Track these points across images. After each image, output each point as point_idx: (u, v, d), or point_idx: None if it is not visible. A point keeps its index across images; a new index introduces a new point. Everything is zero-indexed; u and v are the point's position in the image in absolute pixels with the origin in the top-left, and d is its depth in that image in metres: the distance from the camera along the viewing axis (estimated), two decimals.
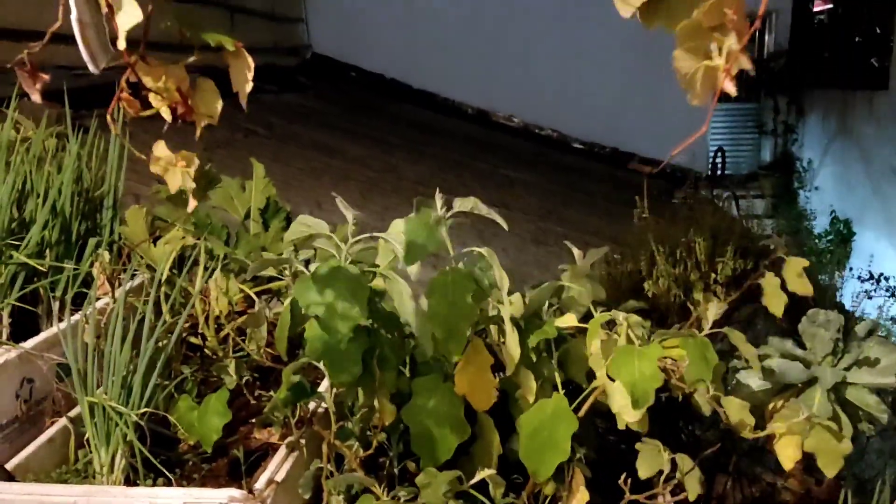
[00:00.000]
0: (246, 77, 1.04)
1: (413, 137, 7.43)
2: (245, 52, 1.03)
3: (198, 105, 1.06)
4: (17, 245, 1.66)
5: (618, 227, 6.09)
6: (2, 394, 1.52)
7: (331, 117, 7.11)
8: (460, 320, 1.26)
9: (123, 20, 0.91)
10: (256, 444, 1.59)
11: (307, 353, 1.31)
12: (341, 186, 4.90)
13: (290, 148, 5.42)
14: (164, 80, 1.00)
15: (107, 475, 1.38)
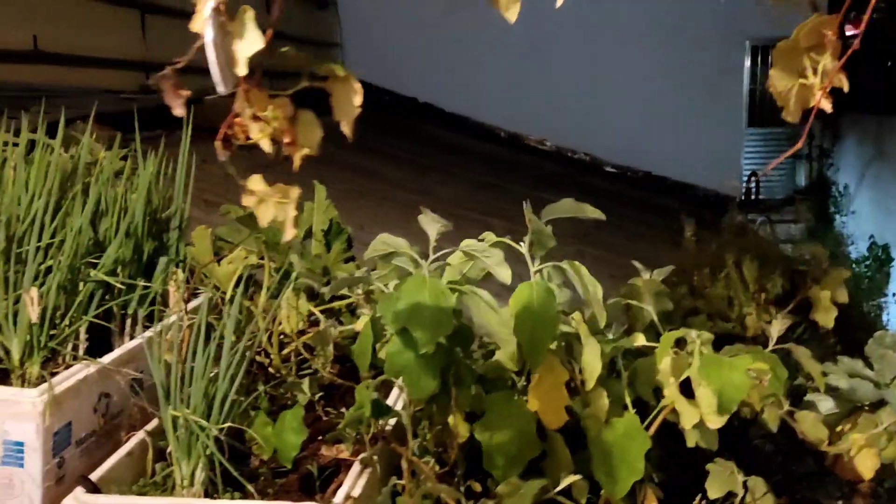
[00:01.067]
0: (353, 104, 1.04)
1: (447, 160, 7.49)
2: (353, 78, 1.03)
3: (298, 136, 1.06)
4: (94, 263, 1.71)
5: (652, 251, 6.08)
6: (81, 408, 1.56)
7: (367, 140, 7.20)
8: (543, 334, 1.29)
9: (245, 47, 0.93)
10: (325, 460, 1.61)
11: (386, 368, 1.34)
12: (380, 208, 4.95)
13: (328, 171, 5.49)
14: (271, 110, 1.00)
15: (187, 488, 1.41)
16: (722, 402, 1.24)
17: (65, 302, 1.65)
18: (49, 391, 1.46)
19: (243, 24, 0.96)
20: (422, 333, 1.24)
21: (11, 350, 1.56)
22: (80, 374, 1.56)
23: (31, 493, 1.44)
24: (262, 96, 1.01)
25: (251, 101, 0.99)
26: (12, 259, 1.61)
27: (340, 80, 1.03)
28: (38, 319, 1.56)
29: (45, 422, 1.44)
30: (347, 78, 1.03)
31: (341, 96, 1.05)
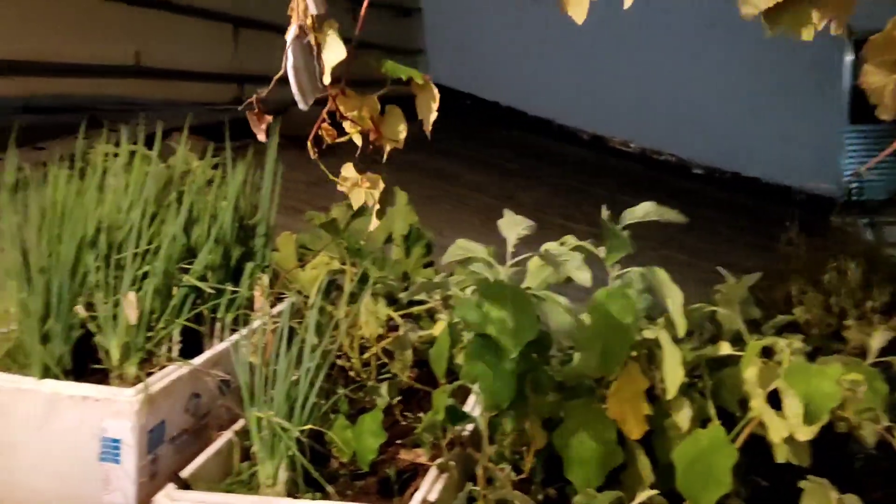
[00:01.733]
0: (431, 107, 1.16)
1: (529, 164, 7.45)
2: (432, 84, 1.16)
3: (386, 132, 1.16)
4: (187, 269, 1.79)
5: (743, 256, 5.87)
6: (174, 407, 1.63)
7: (448, 145, 7.25)
8: (619, 341, 1.27)
9: (329, 57, 1.04)
10: (403, 464, 1.63)
11: (462, 375, 1.34)
12: (460, 213, 4.97)
13: (409, 175, 5.55)
14: (360, 109, 1.10)
15: (271, 487, 1.45)
16: (810, 411, 1.19)
17: (160, 305, 1.73)
18: (144, 391, 1.53)
19: (328, 37, 1.07)
20: (506, 340, 1.25)
21: (111, 351, 1.65)
22: (172, 375, 1.63)
23: (125, 489, 1.52)
24: (352, 98, 1.12)
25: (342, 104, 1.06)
26: (112, 265, 1.70)
27: (422, 87, 1.15)
28: (135, 322, 1.64)
29: (141, 420, 1.52)
30: (427, 85, 1.15)
31: (423, 100, 1.18)
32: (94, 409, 1.51)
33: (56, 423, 1.52)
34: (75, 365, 1.66)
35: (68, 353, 1.63)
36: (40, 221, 1.67)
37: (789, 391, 1.19)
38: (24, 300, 1.60)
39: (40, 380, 1.55)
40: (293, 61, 1.01)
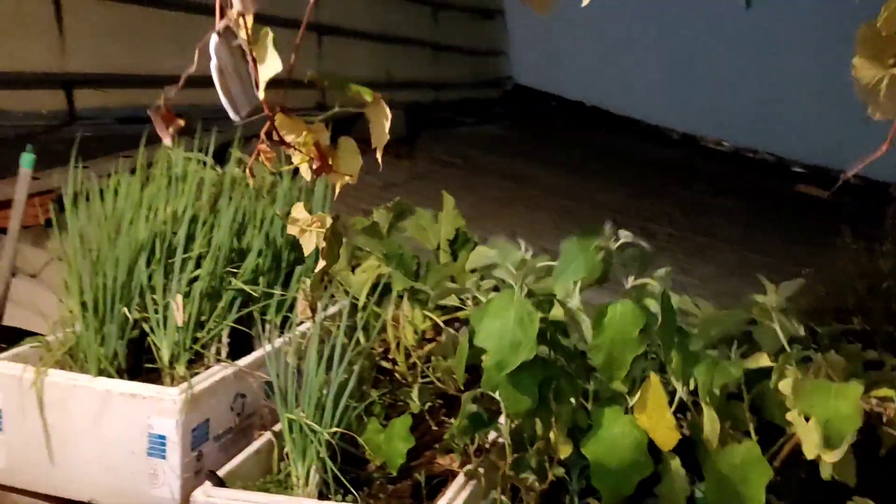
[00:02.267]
0: (384, 129, 0.99)
1: (611, 165, 7.31)
2: (383, 102, 0.99)
3: (338, 164, 1.02)
4: (236, 272, 1.85)
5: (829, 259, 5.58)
6: (219, 406, 1.69)
7: (527, 147, 7.20)
8: (623, 351, 1.24)
9: (265, 71, 0.91)
10: (439, 469, 1.64)
11: (483, 382, 1.33)
12: (535, 215, 4.93)
13: (485, 178, 5.55)
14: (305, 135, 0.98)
15: (302, 488, 1.49)
16: (829, 434, 1.12)
17: (209, 308, 1.80)
18: (188, 390, 1.59)
19: (265, 48, 0.93)
20: (501, 356, 1.23)
21: (162, 351, 1.72)
22: (217, 375, 1.69)
23: (171, 483, 1.59)
24: (296, 122, 0.98)
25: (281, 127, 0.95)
26: (167, 269, 1.78)
27: (373, 105, 0.99)
28: (183, 323, 1.71)
29: (184, 418, 1.58)
30: (378, 102, 0.99)
31: (375, 121, 1.00)
32: (142, 406, 1.58)
33: (108, 419, 1.60)
34: (133, 364, 1.75)
35: (123, 352, 1.71)
36: (101, 227, 1.76)
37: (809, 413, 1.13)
38: (83, 302, 1.69)
39: (95, 377, 1.64)
40: (217, 63, 0.89)
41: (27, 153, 1.81)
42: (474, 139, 6.79)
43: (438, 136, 6.28)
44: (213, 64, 0.88)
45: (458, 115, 7.33)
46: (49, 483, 1.65)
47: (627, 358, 1.24)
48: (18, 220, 1.84)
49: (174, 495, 1.58)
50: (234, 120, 0.91)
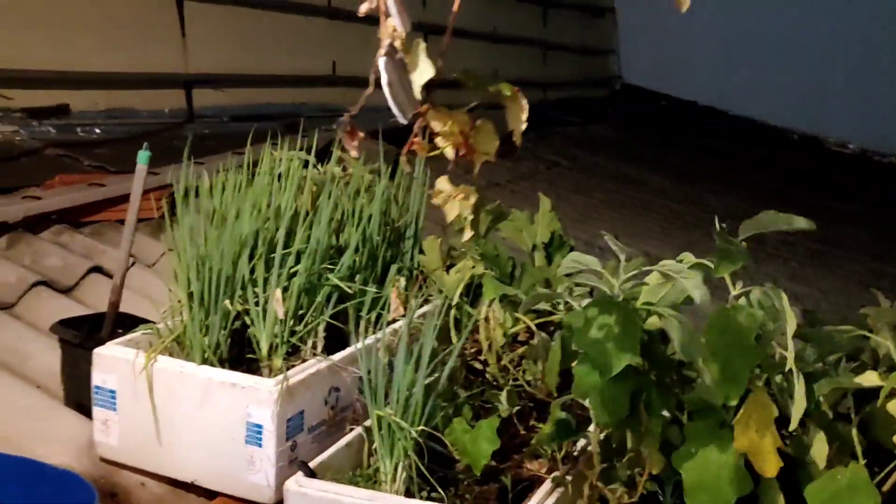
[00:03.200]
0: (520, 118, 1.11)
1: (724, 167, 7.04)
2: (521, 95, 1.11)
3: (477, 145, 1.12)
4: (333, 269, 1.89)
5: None
6: (314, 399, 1.74)
7: (636, 147, 7.03)
8: (740, 362, 1.18)
9: (419, 76, 1.03)
10: (527, 474, 1.62)
11: (573, 389, 1.31)
12: (641, 218, 4.80)
13: (591, 179, 5.46)
14: (450, 124, 1.09)
15: (389, 484, 1.51)
16: None
17: (306, 303, 1.85)
18: (283, 381, 1.64)
19: (417, 56, 1.04)
20: (603, 360, 1.20)
21: (261, 343, 1.79)
22: (311, 369, 1.74)
23: (267, 471, 1.64)
24: (442, 113, 1.10)
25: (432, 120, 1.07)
26: (268, 263, 1.84)
27: (511, 98, 1.10)
28: (281, 317, 1.76)
29: (280, 408, 1.63)
30: (516, 96, 1.10)
31: (513, 112, 1.12)
32: (241, 395, 1.64)
33: (210, 406, 1.67)
34: (236, 354, 1.82)
35: (226, 342, 1.78)
36: (209, 222, 1.84)
37: None
38: (190, 293, 1.78)
39: (199, 366, 1.71)
40: (387, 78, 1.03)
41: (143, 151, 1.92)
42: (581, 139, 6.69)
43: (544, 135, 6.22)
44: (384, 80, 1.01)
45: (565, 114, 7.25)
46: (156, 462, 1.74)
47: (744, 370, 1.18)
48: (135, 213, 1.95)
49: (269, 482, 1.64)
50: (402, 122, 1.05)
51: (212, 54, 4.79)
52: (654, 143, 7.41)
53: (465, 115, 1.14)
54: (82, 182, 3.07)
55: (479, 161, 1.18)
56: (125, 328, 1.98)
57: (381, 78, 1.04)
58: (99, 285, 2.59)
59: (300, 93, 5.48)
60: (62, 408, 1.96)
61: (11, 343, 2.17)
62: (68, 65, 3.98)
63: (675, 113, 9.00)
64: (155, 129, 4.20)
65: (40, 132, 3.76)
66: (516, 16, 7.95)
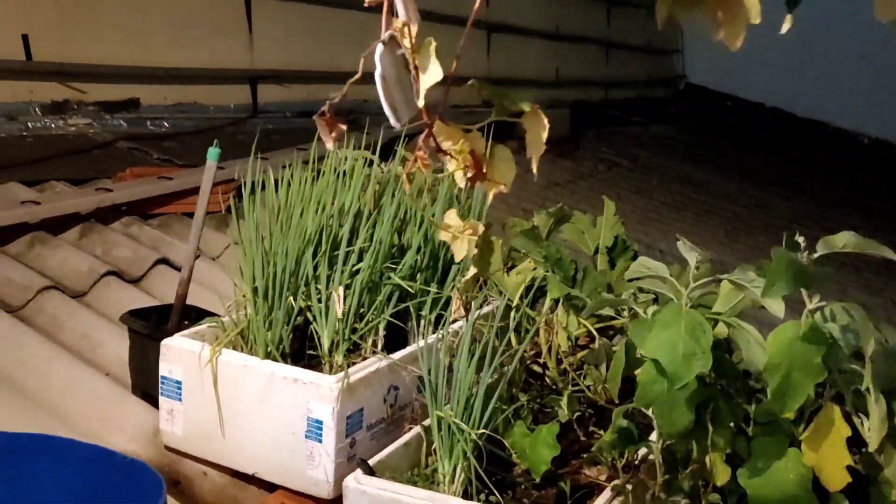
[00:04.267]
0: (540, 140, 0.97)
1: (791, 171, 6.84)
2: (541, 113, 0.97)
3: (492, 172, 1.01)
4: (395, 268, 1.90)
5: None
6: (373, 397, 1.75)
7: (699, 149, 6.88)
8: (802, 377, 1.14)
9: (426, 79, 0.92)
10: (586, 480, 1.60)
11: (636, 397, 1.29)
12: (704, 222, 4.70)
13: (653, 180, 5.37)
14: (460, 143, 0.98)
15: (447, 485, 1.51)
16: None
17: (368, 301, 1.86)
18: (344, 379, 1.66)
19: (427, 56, 0.93)
20: (674, 367, 1.18)
21: (322, 339, 1.81)
22: (371, 367, 1.75)
23: (326, 467, 1.66)
24: (453, 130, 0.98)
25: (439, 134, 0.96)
26: (330, 261, 1.86)
27: (530, 115, 0.97)
28: (342, 315, 1.78)
29: (340, 405, 1.65)
30: (536, 113, 0.97)
31: (531, 131, 0.99)
32: (303, 391, 1.66)
33: (272, 400, 1.70)
34: (298, 349, 1.85)
35: (288, 338, 1.81)
36: (274, 218, 1.87)
37: None
38: (254, 288, 1.81)
39: (262, 360, 1.74)
40: (381, 71, 0.91)
41: (213, 148, 1.96)
42: (643, 139, 6.59)
43: (605, 135, 6.15)
44: (378, 72, 0.90)
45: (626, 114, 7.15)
46: (219, 453, 1.78)
47: (806, 385, 1.15)
48: (204, 208, 1.99)
49: (328, 478, 1.65)
50: (395, 126, 0.93)
51: (277, 50, 4.88)
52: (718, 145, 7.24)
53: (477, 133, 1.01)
54: (152, 175, 3.16)
55: (492, 191, 1.04)
56: (191, 320, 2.03)
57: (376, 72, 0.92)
58: (165, 277, 2.66)
59: (363, 89, 5.52)
60: (129, 396, 2.01)
61: (83, 331, 2.24)
62: (139, 60, 4.10)
63: (741, 114, 8.79)
64: (220, 124, 4.29)
65: (112, 125, 3.88)
66: (579, 14, 7.86)
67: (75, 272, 2.49)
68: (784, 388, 1.14)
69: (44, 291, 2.33)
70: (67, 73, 3.78)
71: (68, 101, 3.80)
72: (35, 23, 3.64)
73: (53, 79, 3.74)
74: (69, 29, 3.78)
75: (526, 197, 3.96)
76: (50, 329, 2.22)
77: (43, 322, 2.24)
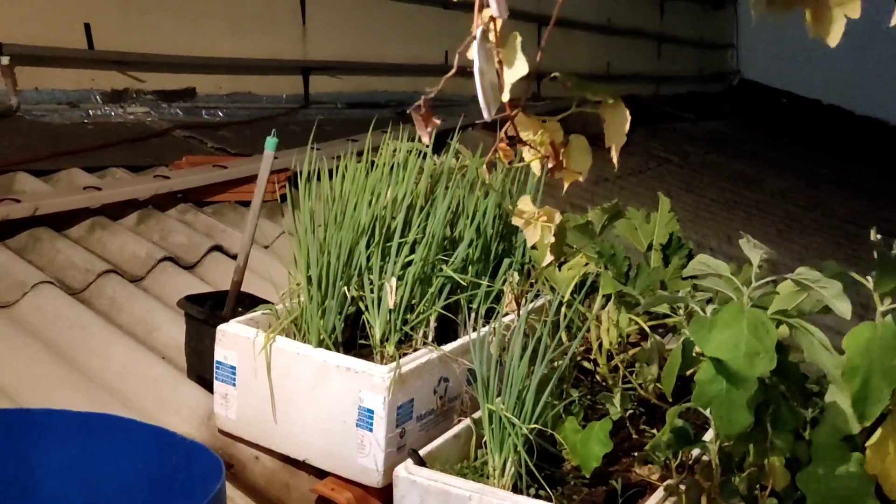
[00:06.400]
0: (621, 132, 0.99)
1: (848, 170, 6.65)
2: (623, 105, 0.99)
3: (569, 161, 1.03)
4: (447, 260, 1.91)
5: None
6: (423, 388, 1.76)
7: (752, 146, 6.74)
8: (881, 382, 1.11)
9: (511, 73, 0.93)
10: (636, 479, 1.59)
11: (694, 397, 1.27)
12: (756, 221, 4.61)
13: (704, 177, 5.28)
14: (540, 133, 1.00)
15: (497, 478, 1.51)
16: None
17: (420, 293, 1.87)
18: (396, 369, 1.67)
19: (513, 51, 0.95)
20: (736, 367, 1.16)
21: (374, 329, 1.82)
22: (423, 358, 1.76)
23: (376, 455, 1.67)
24: (532, 121, 1.00)
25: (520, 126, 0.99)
26: (384, 251, 1.88)
27: (611, 107, 0.99)
28: (394, 306, 1.79)
29: (391, 395, 1.66)
30: (618, 104, 0.98)
31: (612, 123, 1.00)
32: (355, 380, 1.68)
33: (324, 388, 1.72)
34: (349, 338, 1.87)
35: (340, 327, 1.82)
36: (329, 208, 1.89)
37: None
38: (308, 277, 1.83)
39: (315, 348, 1.76)
40: (479, 64, 0.92)
41: (271, 138, 1.98)
42: (695, 136, 6.48)
43: (656, 131, 6.06)
44: (476, 66, 0.92)
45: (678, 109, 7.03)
46: (270, 439, 1.81)
47: (886, 390, 1.11)
48: (260, 197, 2.02)
49: (378, 467, 1.67)
50: (487, 119, 0.94)
51: (329, 42, 4.92)
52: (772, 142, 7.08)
53: (556, 124, 1.04)
54: (206, 163, 3.21)
55: (568, 180, 1.08)
56: (244, 306, 2.07)
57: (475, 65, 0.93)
58: (219, 263, 2.71)
59: (413, 81, 5.55)
60: (184, 379, 2.06)
61: (140, 315, 2.29)
62: (196, 50, 4.17)
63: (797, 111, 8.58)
64: (273, 114, 4.35)
65: (169, 114, 3.96)
66: (632, 7, 7.76)
67: (133, 257, 2.55)
68: (863, 393, 1.11)
69: (104, 275, 2.40)
70: (127, 63, 3.87)
71: (127, 89, 3.89)
72: (97, 12, 3.72)
73: (113, 67, 3.83)
74: (129, 18, 3.86)
75: (573, 192, 3.93)
76: (109, 312, 2.28)
77: (103, 305, 2.30)
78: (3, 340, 1.99)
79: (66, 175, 3.02)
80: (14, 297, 2.19)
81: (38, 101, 3.53)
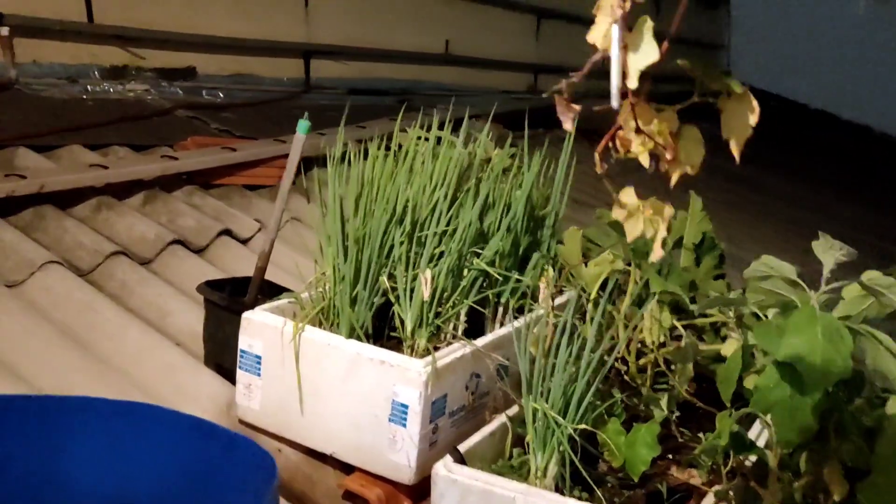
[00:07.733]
0: (747, 124, 0.95)
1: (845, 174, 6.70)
2: (751, 96, 0.94)
3: (679, 153, 1.00)
4: (479, 253, 1.86)
5: None
6: (456, 383, 1.72)
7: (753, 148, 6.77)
8: None
9: (638, 59, 0.90)
10: (674, 482, 1.57)
11: (754, 402, 1.25)
12: (759, 223, 4.62)
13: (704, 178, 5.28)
14: (656, 123, 0.96)
15: (540, 479, 1.48)
16: None
17: (451, 285, 1.83)
18: (433, 363, 1.63)
19: (641, 35, 0.91)
20: (811, 374, 1.13)
21: (406, 321, 1.78)
22: (457, 353, 1.72)
23: (408, 451, 1.63)
24: (647, 109, 0.97)
25: (637, 115, 0.96)
26: (414, 242, 1.83)
27: (736, 97, 0.94)
28: (428, 298, 1.75)
29: (427, 390, 1.62)
30: (745, 95, 0.94)
31: (734, 114, 0.97)
32: (389, 373, 1.64)
33: (356, 380, 1.67)
34: (376, 329, 1.82)
35: (370, 318, 1.78)
36: (357, 195, 1.84)
37: None
38: (338, 266, 1.78)
39: (346, 339, 1.72)
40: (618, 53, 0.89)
41: (303, 121, 1.92)
42: None
43: None
44: (614, 48, 0.88)
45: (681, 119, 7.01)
46: (296, 431, 1.76)
47: None
48: (289, 181, 1.96)
49: (410, 462, 1.63)
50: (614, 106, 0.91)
51: (331, 25, 4.83)
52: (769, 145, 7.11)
53: (673, 114, 1.00)
54: (213, 145, 3.14)
55: (678, 173, 1.04)
56: (264, 294, 2.01)
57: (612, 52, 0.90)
58: (228, 248, 2.64)
59: (415, 69, 5.48)
60: (201, 367, 2.00)
61: (152, 299, 2.23)
62: (198, 28, 4.07)
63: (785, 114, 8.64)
64: (275, 97, 4.26)
65: (169, 93, 3.86)
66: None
67: (142, 239, 2.48)
68: None
69: (112, 256, 2.32)
70: (127, 38, 3.76)
71: (127, 66, 3.78)
72: None
73: (114, 42, 3.72)
74: None
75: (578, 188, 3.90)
76: (121, 295, 2.21)
77: (113, 287, 2.23)
78: (14, 321, 1.92)
79: (67, 152, 2.92)
80: (22, 276, 2.12)
81: (36, 75, 3.42)
